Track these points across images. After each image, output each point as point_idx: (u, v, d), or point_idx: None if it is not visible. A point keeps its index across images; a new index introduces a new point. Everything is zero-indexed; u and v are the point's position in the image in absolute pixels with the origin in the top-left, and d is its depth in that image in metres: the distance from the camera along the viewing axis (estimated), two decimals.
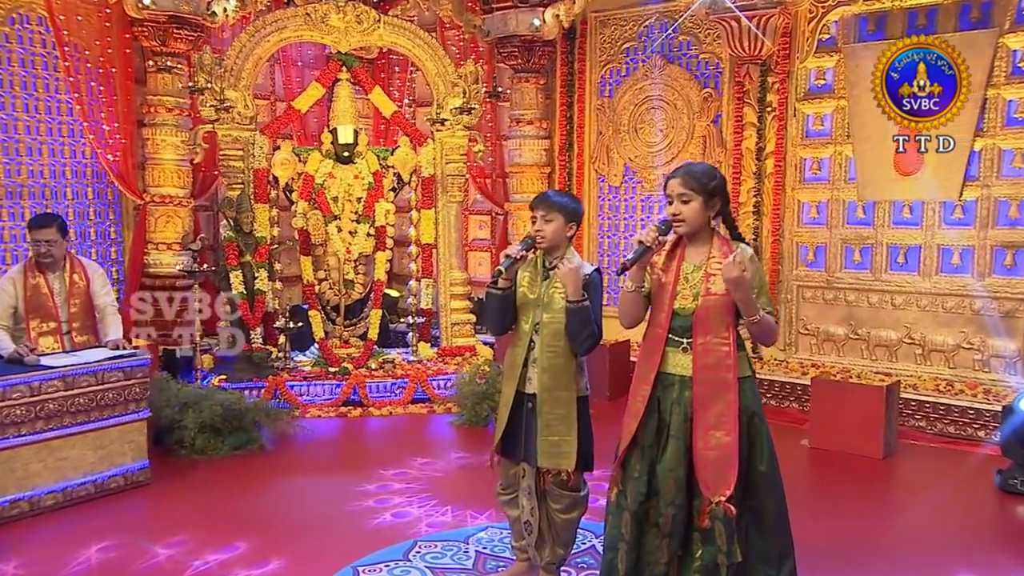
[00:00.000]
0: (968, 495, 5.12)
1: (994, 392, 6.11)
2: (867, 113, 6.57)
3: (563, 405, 3.52)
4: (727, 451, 3.03)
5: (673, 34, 7.51)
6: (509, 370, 3.63)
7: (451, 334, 7.35)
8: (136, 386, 5.09)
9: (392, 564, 4.04)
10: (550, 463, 3.52)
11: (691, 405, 3.11)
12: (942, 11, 6.32)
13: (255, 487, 5.20)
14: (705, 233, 3.16)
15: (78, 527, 4.57)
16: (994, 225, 6.23)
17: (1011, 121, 6.15)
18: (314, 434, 6.17)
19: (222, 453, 5.61)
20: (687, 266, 3.16)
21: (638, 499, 3.17)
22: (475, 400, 6.32)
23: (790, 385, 6.91)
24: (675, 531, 3.12)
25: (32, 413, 4.64)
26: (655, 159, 7.67)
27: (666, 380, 3.18)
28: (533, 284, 3.57)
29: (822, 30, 6.77)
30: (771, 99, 7.00)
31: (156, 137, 7.15)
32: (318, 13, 6.99)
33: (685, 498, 3.11)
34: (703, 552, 3.12)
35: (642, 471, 3.18)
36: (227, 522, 4.62)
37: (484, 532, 4.44)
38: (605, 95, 7.99)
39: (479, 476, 5.33)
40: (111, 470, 4.99)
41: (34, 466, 4.68)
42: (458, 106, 7.11)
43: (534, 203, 3.61)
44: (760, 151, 7.08)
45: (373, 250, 7.26)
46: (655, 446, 3.18)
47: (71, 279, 5.36)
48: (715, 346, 3.08)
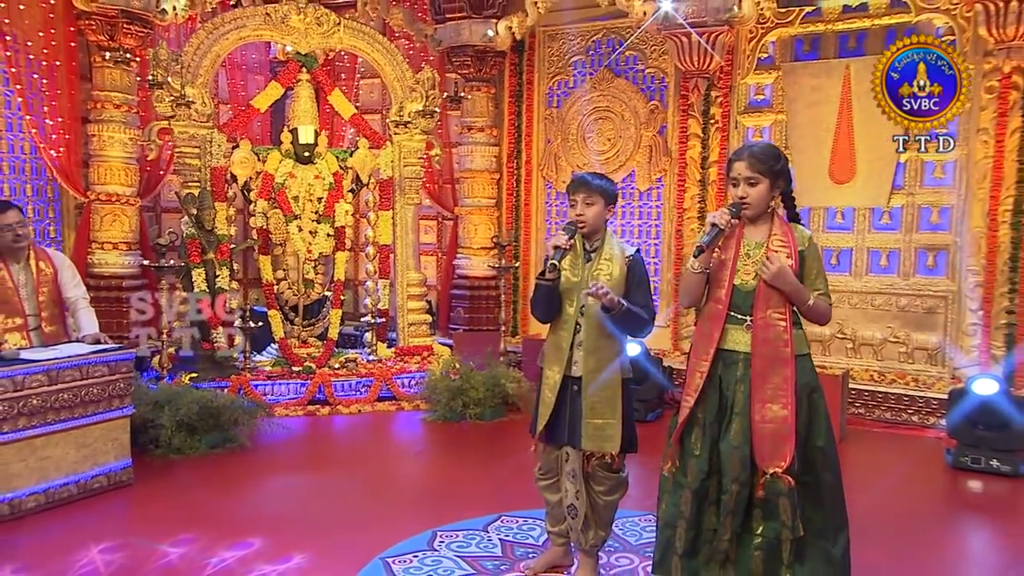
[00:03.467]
0: (924, 473, 5.36)
1: (922, 380, 6.48)
2: (807, 127, 6.84)
3: (608, 388, 3.40)
4: (783, 424, 2.98)
5: (621, 49, 7.62)
6: (554, 353, 3.47)
7: (408, 334, 7.16)
8: (120, 381, 4.70)
9: (420, 554, 3.86)
10: (595, 446, 3.41)
11: (752, 381, 3.04)
12: (870, 35, 6.67)
13: (246, 485, 4.91)
14: (765, 213, 3.11)
15: (71, 529, 4.17)
16: (917, 230, 6.61)
17: (931, 135, 6.50)
18: (289, 432, 5.86)
19: (199, 452, 5.26)
20: (747, 243, 3.09)
21: (699, 477, 3.09)
22: (449, 396, 6.17)
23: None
24: (738, 508, 3.04)
25: (14, 409, 4.20)
26: (603, 167, 7.70)
27: (729, 358, 3.10)
28: (575, 268, 3.41)
29: (761, 49, 7.03)
30: (714, 112, 7.19)
31: (103, 134, 6.70)
32: (278, 14, 6.72)
33: (749, 475, 3.04)
34: (764, 528, 3.06)
35: (703, 449, 3.10)
36: (232, 519, 4.34)
37: (498, 521, 4.29)
38: (553, 105, 8.02)
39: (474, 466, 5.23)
40: (94, 470, 4.59)
41: (15, 466, 4.24)
42: (418, 110, 6.97)
43: (573, 188, 3.46)
44: (704, 160, 7.24)
45: (333, 250, 7.00)
46: (716, 423, 3.09)
47: (37, 268, 4.88)
48: (774, 321, 3.03)
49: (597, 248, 3.42)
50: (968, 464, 5.29)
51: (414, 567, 3.72)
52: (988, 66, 6.21)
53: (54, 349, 4.58)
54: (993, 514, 4.83)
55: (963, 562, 4.17)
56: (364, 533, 4.15)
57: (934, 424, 6.22)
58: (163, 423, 5.17)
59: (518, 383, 6.37)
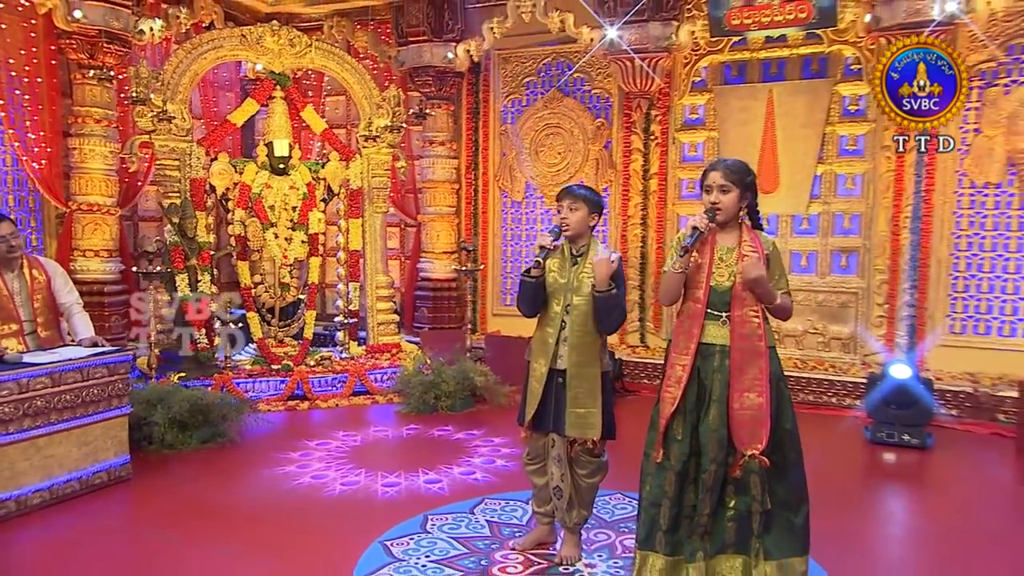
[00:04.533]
0: (847, 448, 5.58)
1: (838, 367, 6.75)
2: (736, 143, 7.00)
3: (590, 380, 3.45)
4: (760, 411, 3.06)
5: (570, 72, 7.69)
6: (541, 348, 3.49)
7: (377, 333, 7.11)
8: (119, 382, 4.56)
9: (416, 536, 3.85)
10: (578, 433, 3.44)
11: (730, 372, 3.11)
12: (789, 63, 6.89)
13: (241, 476, 4.81)
14: (734, 221, 3.19)
15: (79, 523, 4.05)
16: (832, 234, 6.87)
17: (843, 152, 6.80)
18: (273, 426, 5.75)
19: (190, 447, 5.14)
20: (720, 248, 3.16)
21: (681, 459, 3.13)
22: (422, 390, 6.15)
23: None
24: (715, 485, 3.11)
25: (20, 411, 4.05)
26: (554, 178, 7.79)
27: (707, 351, 3.15)
28: (562, 270, 3.46)
29: (695, 74, 7.19)
30: (654, 129, 7.32)
31: (84, 147, 6.48)
32: (253, 35, 6.59)
33: (725, 455, 3.11)
34: (737, 502, 3.13)
35: (684, 434, 3.15)
36: (234, 509, 4.27)
37: (482, 504, 4.30)
38: (508, 122, 8.04)
39: (454, 453, 5.27)
40: (95, 466, 4.45)
41: (21, 465, 4.09)
42: (386, 125, 6.93)
43: (560, 195, 3.52)
44: (646, 172, 7.37)
45: (307, 256, 6.90)
46: (695, 410, 3.15)
47: (31, 276, 4.70)
48: (749, 318, 3.11)
49: (583, 252, 3.44)
50: (884, 439, 5.54)
51: (412, 548, 3.71)
52: None
53: (54, 352, 4.43)
54: (906, 480, 5.10)
55: (883, 521, 4.36)
56: (359, 519, 4.12)
57: (851, 405, 6.48)
58: (156, 421, 5.03)
59: (485, 377, 6.37)
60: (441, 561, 3.58)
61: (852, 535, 3.98)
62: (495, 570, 3.48)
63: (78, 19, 6.16)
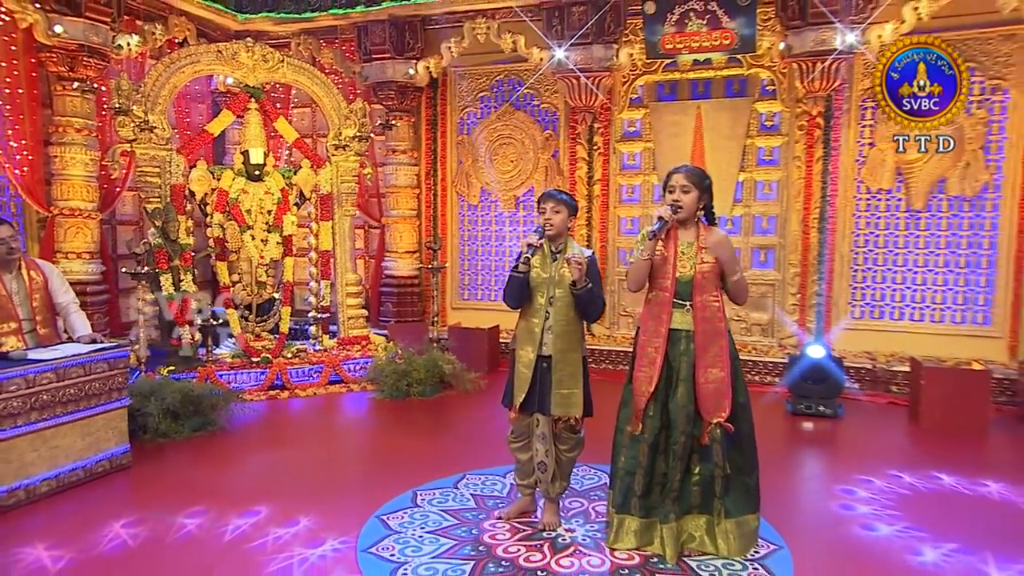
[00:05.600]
0: (771, 419, 5.81)
1: (759, 349, 7.06)
2: (669, 154, 7.19)
3: (572, 364, 3.49)
4: (722, 384, 3.21)
5: (521, 89, 7.77)
6: (527, 336, 3.51)
7: (347, 326, 7.07)
8: (118, 376, 4.44)
9: (408, 511, 3.87)
10: (563, 411, 3.50)
11: (695, 353, 3.23)
12: (714, 83, 7.14)
13: (235, 461, 4.75)
14: (692, 219, 3.33)
15: (87, 508, 3.94)
16: (753, 233, 7.17)
17: (761, 161, 7.09)
18: (258, 414, 5.68)
19: (183, 435, 5.03)
20: (682, 243, 3.30)
21: (653, 432, 3.26)
22: (396, 378, 6.15)
23: (616, 352, 7.34)
24: (684, 454, 3.25)
25: (27, 405, 3.92)
26: (507, 184, 7.88)
27: (674, 336, 3.27)
28: (544, 266, 3.51)
29: (632, 91, 7.38)
30: (597, 140, 7.46)
31: (65, 155, 6.30)
32: (229, 51, 6.46)
33: (692, 427, 3.24)
34: (701, 468, 3.28)
35: (656, 411, 3.27)
36: (234, 492, 4.18)
37: (465, 479, 4.34)
38: (464, 132, 8.06)
39: (424, 433, 5.26)
40: (98, 455, 4.33)
41: (29, 455, 3.96)
42: (354, 135, 6.90)
43: (543, 199, 3.55)
44: (590, 179, 7.50)
45: (282, 256, 6.81)
46: (665, 390, 3.27)
47: (29, 276, 4.56)
48: (709, 303, 3.25)
49: (561, 250, 3.52)
50: (802, 410, 5.83)
51: (407, 521, 3.74)
52: (799, 110, 6.79)
53: (55, 349, 4.29)
54: (823, 444, 5.35)
55: (807, 478, 4.64)
56: (354, 496, 4.10)
57: (772, 382, 6.79)
58: (151, 411, 4.92)
59: (452, 365, 6.41)
60: (436, 532, 3.62)
61: (782, 491, 4.20)
62: (486, 537, 3.55)
63: (59, 34, 5.96)
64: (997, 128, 6.34)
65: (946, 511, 3.98)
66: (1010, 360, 6.36)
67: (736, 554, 3.28)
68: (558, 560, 3.29)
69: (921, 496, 4.19)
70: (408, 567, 3.24)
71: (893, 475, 4.50)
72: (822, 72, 6.34)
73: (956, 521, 3.84)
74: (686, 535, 3.34)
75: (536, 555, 3.34)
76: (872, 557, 3.42)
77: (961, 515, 3.93)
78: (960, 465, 4.68)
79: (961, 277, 6.58)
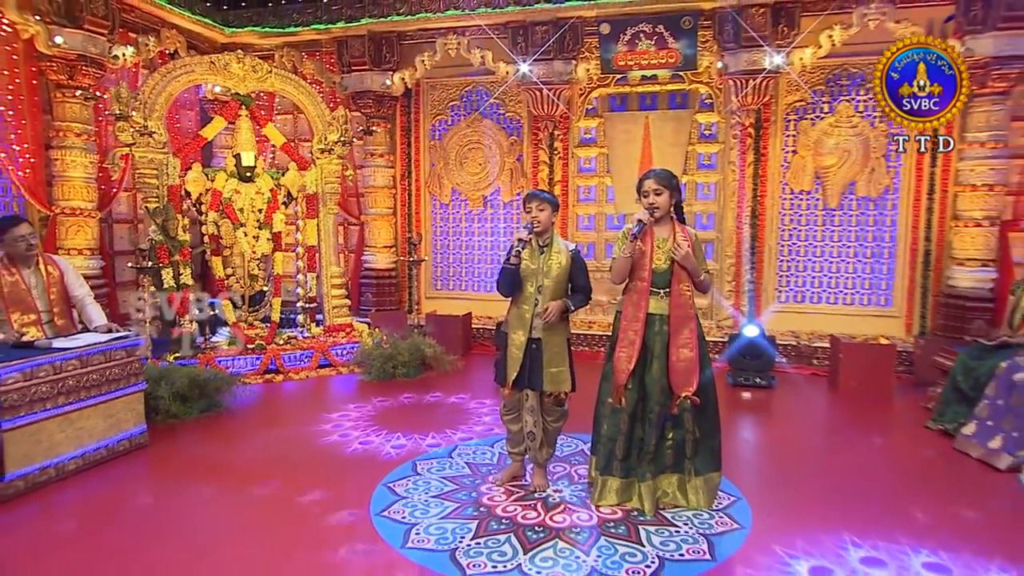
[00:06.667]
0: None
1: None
2: (621, 158, 7.40)
3: (559, 345, 3.58)
4: (691, 362, 3.36)
5: (489, 100, 7.84)
6: (518, 321, 3.57)
7: (332, 315, 7.07)
8: (135, 362, 4.41)
9: (412, 478, 3.94)
10: (554, 388, 3.59)
11: (668, 335, 3.39)
12: (660, 96, 7.34)
13: (245, 438, 4.71)
14: (666, 217, 3.45)
15: (114, 484, 3.92)
16: (694, 228, 7.35)
17: (701, 166, 7.33)
18: (257, 396, 5.67)
19: (192, 416, 5.00)
20: (658, 239, 3.42)
21: (632, 403, 3.40)
22: (382, 361, 6.20)
23: (586, 336, 7.48)
24: (659, 422, 3.40)
25: (55, 389, 3.89)
26: (476, 185, 7.96)
27: (650, 320, 3.40)
28: (533, 258, 3.57)
29: (588, 102, 7.53)
30: (557, 145, 7.58)
31: (65, 158, 6.13)
32: (221, 61, 6.37)
33: (666, 398, 3.39)
34: (674, 434, 3.44)
35: (634, 385, 3.41)
36: (249, 466, 4.19)
37: (457, 449, 4.43)
38: (436, 138, 8.08)
39: (414, 411, 5.37)
40: (119, 435, 4.30)
41: (57, 436, 3.92)
42: (337, 139, 6.88)
43: (528, 199, 3.59)
44: (551, 180, 7.60)
45: (272, 251, 6.76)
46: (642, 366, 3.41)
47: (47, 271, 4.49)
48: (683, 292, 3.40)
49: (548, 244, 3.59)
50: (741, 382, 6.09)
51: (412, 487, 3.81)
52: (734, 120, 7.01)
53: (76, 338, 4.24)
54: (761, 411, 5.58)
55: (748, 439, 4.87)
56: (360, 467, 4.14)
57: (713, 358, 6.93)
58: (161, 395, 4.87)
59: (433, 348, 6.49)
60: (439, 496, 3.71)
61: (733, 452, 4.45)
62: (484, 499, 3.65)
63: (59, 44, 5.79)
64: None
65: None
66: (907, 336, 6.81)
67: (704, 506, 3.49)
68: (551, 516, 3.44)
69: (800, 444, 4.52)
70: (419, 527, 3.33)
71: (815, 431, 4.81)
72: (753, 88, 6.61)
73: (808, 465, 4.17)
74: (661, 491, 3.52)
75: (531, 513, 3.48)
76: (814, 501, 3.69)
77: (817, 460, 4.26)
78: (855, 423, 5.03)
79: (868, 266, 6.98)
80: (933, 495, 3.78)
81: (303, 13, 7.59)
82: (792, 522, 3.40)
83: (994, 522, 3.46)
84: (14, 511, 3.55)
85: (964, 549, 3.13)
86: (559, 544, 3.15)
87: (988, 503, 3.70)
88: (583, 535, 3.24)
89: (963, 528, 3.38)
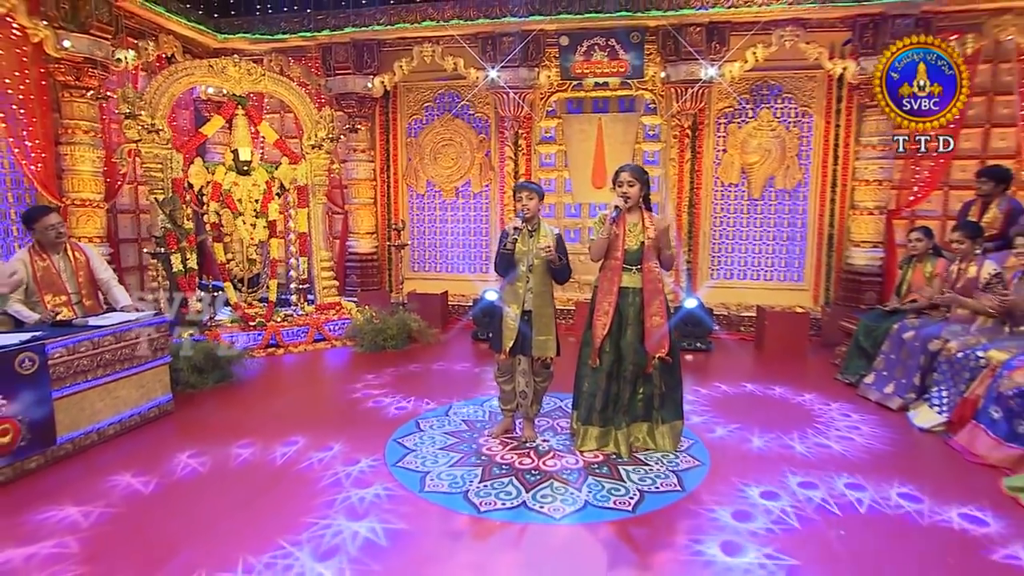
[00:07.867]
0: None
1: None
2: (578, 155, 7.59)
3: (547, 316, 3.74)
4: (662, 328, 3.57)
5: (461, 103, 7.91)
6: (512, 297, 3.71)
7: (323, 295, 7.11)
8: (161, 338, 4.43)
9: (416, 434, 4.07)
10: (541, 353, 3.75)
11: (640, 305, 3.60)
12: (611, 101, 7.52)
13: (261, 404, 4.75)
14: (636, 205, 3.64)
15: (153, 445, 3.96)
16: None
17: (647, 161, 7.52)
18: (263, 367, 5.70)
19: (208, 386, 5.03)
20: (628, 223, 3.62)
21: (609, 364, 3.61)
22: (373, 335, 6.29)
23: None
24: (633, 379, 3.62)
25: (95, 363, 3.92)
26: (449, 178, 8.04)
27: (623, 292, 3.61)
28: (524, 241, 3.70)
29: (548, 104, 7.68)
30: (521, 143, 7.69)
31: (74, 153, 5.98)
32: (219, 65, 6.28)
33: (640, 359, 3.60)
34: (644, 388, 3.67)
35: (611, 348, 3.61)
36: (271, 427, 4.23)
37: (451, 409, 4.54)
38: (412, 136, 8.11)
39: (408, 377, 5.48)
40: (150, 403, 4.34)
41: (98, 404, 3.96)
42: (326, 136, 6.88)
43: (518, 189, 3.69)
44: (516, 174, 7.72)
45: (268, 237, 6.73)
46: (617, 332, 3.61)
47: (74, 257, 4.45)
48: (653, 268, 3.59)
49: (536, 228, 3.74)
50: (684, 346, 6.38)
51: (418, 442, 3.95)
52: (674, 122, 7.25)
53: (109, 316, 4.24)
54: (701, 370, 5.84)
55: (696, 393, 5.07)
56: (370, 426, 4.23)
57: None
58: (180, 367, 4.88)
59: (418, 323, 6.62)
60: (445, 448, 3.86)
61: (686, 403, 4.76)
62: (484, 450, 3.82)
63: (67, 48, 5.62)
64: (806, 142, 7.21)
65: (751, 409, 4.69)
66: (815, 305, 7.31)
67: (671, 448, 3.76)
68: (544, 462, 3.65)
69: (741, 397, 4.91)
70: (432, 475, 3.50)
71: (742, 385, 5.22)
72: (691, 95, 6.88)
73: (750, 414, 4.56)
74: (633, 438, 3.77)
75: (527, 459, 3.69)
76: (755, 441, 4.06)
77: (756, 409, 4.65)
78: (780, 378, 5.43)
79: (784, 247, 7.39)
80: (846, 431, 4.21)
81: (291, 21, 7.49)
82: (741, 458, 3.74)
83: (895, 449, 3.91)
84: (67, 469, 3.59)
85: (872, 470, 3.55)
86: (554, 483, 3.39)
87: (887, 435, 4.15)
88: (574, 475, 3.50)
89: (871, 455, 3.81)
